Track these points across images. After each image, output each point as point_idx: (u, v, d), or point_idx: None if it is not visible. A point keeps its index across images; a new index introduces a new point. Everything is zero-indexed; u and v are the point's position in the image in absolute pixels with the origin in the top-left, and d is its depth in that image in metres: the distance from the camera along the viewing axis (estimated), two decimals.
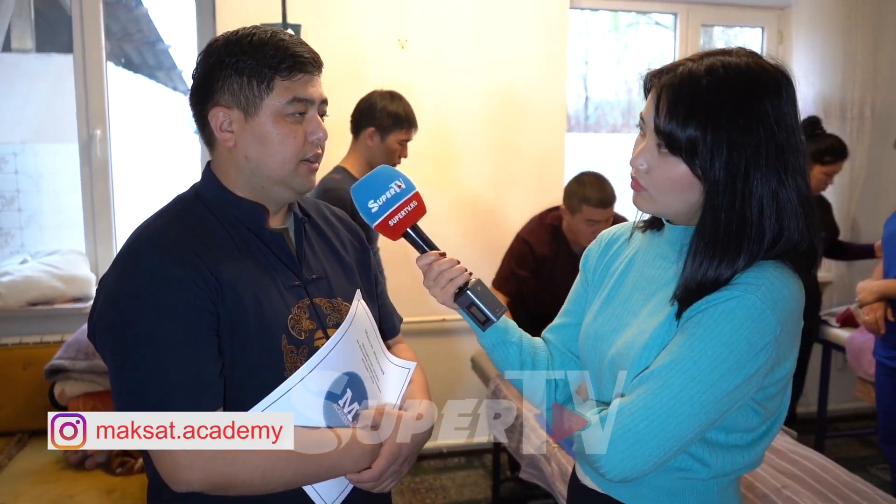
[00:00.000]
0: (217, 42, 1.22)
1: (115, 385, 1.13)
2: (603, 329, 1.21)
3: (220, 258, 1.17)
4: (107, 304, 1.15)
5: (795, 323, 1.08)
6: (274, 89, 1.18)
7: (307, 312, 1.24)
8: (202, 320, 1.12)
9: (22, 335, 3.01)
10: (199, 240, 1.17)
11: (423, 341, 3.55)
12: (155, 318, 1.10)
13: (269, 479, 1.12)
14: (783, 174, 1.06)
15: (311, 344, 1.22)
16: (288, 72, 1.18)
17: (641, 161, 1.11)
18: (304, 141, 1.21)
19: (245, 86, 1.18)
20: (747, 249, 1.05)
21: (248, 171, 1.22)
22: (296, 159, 1.21)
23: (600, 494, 1.21)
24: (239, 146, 1.21)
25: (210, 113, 1.20)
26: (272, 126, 1.19)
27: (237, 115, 1.19)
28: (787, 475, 2.03)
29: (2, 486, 2.47)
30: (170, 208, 1.25)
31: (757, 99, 1.05)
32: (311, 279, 1.27)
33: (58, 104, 3.43)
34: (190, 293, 1.11)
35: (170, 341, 1.10)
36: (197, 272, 1.13)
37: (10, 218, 3.40)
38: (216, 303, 1.14)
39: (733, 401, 1.05)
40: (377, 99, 2.68)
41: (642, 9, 4.01)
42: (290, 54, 1.18)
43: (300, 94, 1.19)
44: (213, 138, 1.23)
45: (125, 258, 1.16)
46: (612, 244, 1.32)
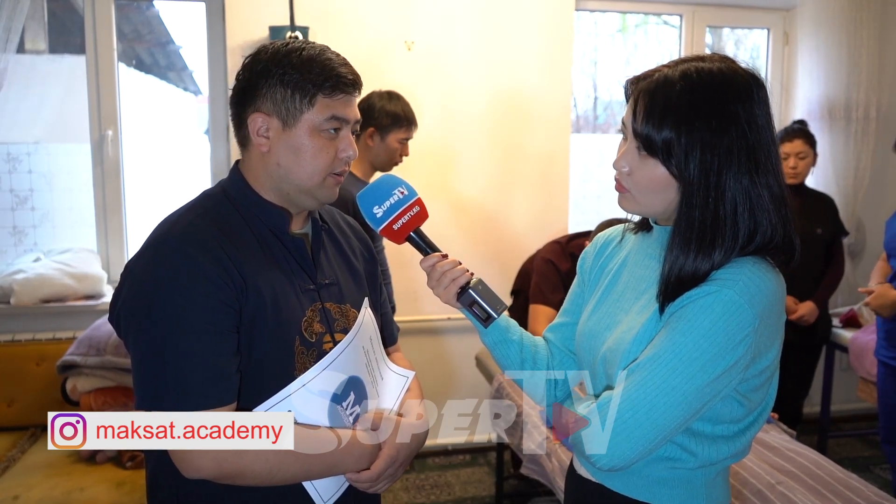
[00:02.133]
0: (266, 50, 1.26)
1: (136, 372, 1.16)
2: (597, 327, 1.26)
3: (245, 256, 1.20)
4: (133, 291, 1.18)
5: (776, 316, 1.12)
6: (315, 105, 1.23)
7: (318, 316, 1.28)
8: (225, 314, 1.16)
9: (35, 331, 3.08)
10: (227, 236, 1.21)
11: (428, 340, 3.60)
12: (180, 308, 1.13)
13: (276, 472, 1.16)
14: (754, 173, 1.10)
15: (321, 347, 1.26)
16: (331, 90, 1.23)
17: (623, 164, 1.17)
18: (334, 157, 1.26)
19: (288, 98, 1.22)
20: (721, 244, 1.10)
21: (277, 177, 1.26)
22: (325, 173, 1.26)
23: (595, 484, 1.26)
24: (273, 153, 1.25)
25: (250, 117, 1.24)
26: (308, 139, 1.23)
27: (276, 124, 1.23)
28: (783, 472, 2.06)
29: (15, 478, 2.53)
30: (198, 203, 1.28)
31: (728, 101, 1.09)
32: (324, 284, 1.31)
33: (70, 105, 3.48)
34: (216, 287, 1.15)
35: (193, 332, 1.13)
36: (223, 268, 1.16)
37: (23, 216, 3.46)
38: (240, 299, 1.17)
39: (715, 391, 1.09)
40: (375, 99, 2.70)
41: (647, 10, 4.03)
42: (335, 74, 1.23)
43: (338, 113, 1.24)
44: (249, 140, 1.27)
45: (154, 247, 1.19)
46: (606, 246, 1.38)
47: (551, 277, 2.94)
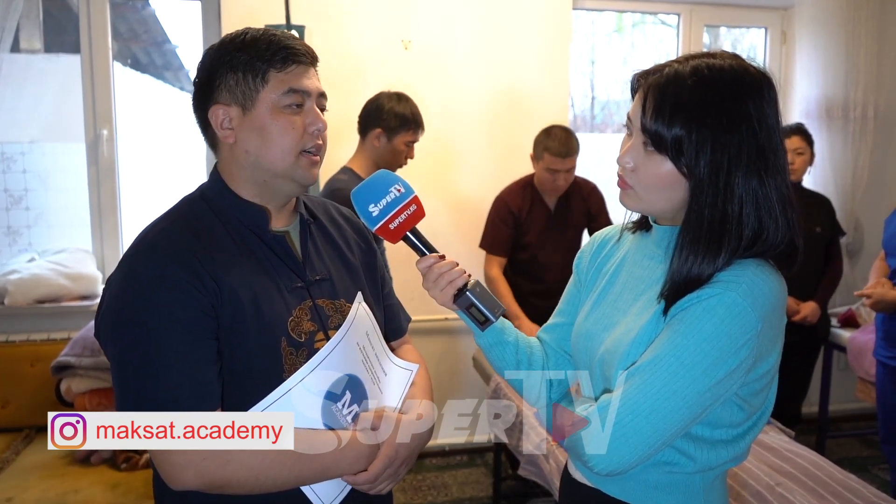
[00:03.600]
0: (212, 46, 1.25)
1: (116, 384, 1.16)
2: (594, 328, 1.24)
3: (220, 260, 1.18)
4: (110, 305, 1.17)
5: (777, 319, 1.11)
6: (269, 81, 1.20)
7: (309, 314, 1.25)
8: (201, 322, 1.14)
9: (29, 332, 3.06)
10: (201, 241, 1.19)
11: (426, 340, 3.58)
12: (154, 320, 1.12)
13: (264, 480, 1.14)
14: (763, 173, 1.08)
15: (312, 346, 1.23)
16: (282, 63, 1.20)
17: (628, 159, 1.14)
18: (302, 132, 1.22)
19: (241, 81, 1.20)
20: (727, 246, 1.08)
21: (249, 167, 1.24)
22: (295, 150, 1.22)
23: (591, 489, 1.24)
24: (239, 141, 1.23)
25: (210, 112, 1.23)
26: (270, 119, 1.20)
27: (235, 112, 1.21)
28: (782, 473, 2.05)
29: (10, 480, 2.51)
30: (175, 209, 1.27)
31: (740, 99, 1.07)
32: (315, 280, 1.28)
33: (65, 104, 3.46)
34: (189, 295, 1.14)
35: (169, 342, 1.12)
36: (196, 274, 1.15)
37: (18, 216, 3.44)
38: (215, 305, 1.16)
39: (716, 395, 1.07)
40: (384, 100, 2.70)
41: (645, 10, 4.02)
42: (282, 46, 1.20)
43: (295, 85, 1.21)
44: (216, 138, 1.25)
45: (128, 260, 1.19)
46: (603, 245, 1.35)
47: (494, 218, 3.16)
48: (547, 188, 3.09)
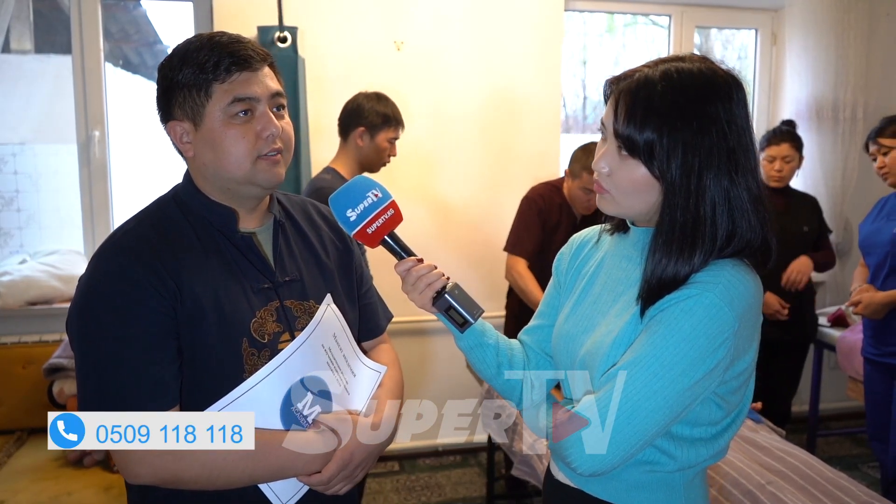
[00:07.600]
0: (164, 60, 1.24)
1: (77, 379, 1.18)
2: (574, 330, 1.25)
3: (182, 260, 1.19)
4: (75, 302, 1.19)
5: (754, 318, 1.13)
6: (213, 94, 1.19)
7: (275, 315, 1.25)
8: (159, 322, 1.15)
9: (21, 334, 3.05)
10: (165, 241, 1.20)
11: (423, 341, 3.59)
12: (113, 318, 1.14)
13: (216, 477, 1.16)
14: (734, 173, 1.10)
15: (275, 347, 1.24)
16: (226, 73, 1.18)
17: (603, 164, 1.15)
18: (255, 139, 1.21)
19: (188, 97, 1.20)
20: (702, 247, 1.09)
21: (211, 177, 1.25)
22: (250, 158, 1.21)
23: (573, 489, 1.25)
24: (197, 155, 1.24)
25: (168, 128, 1.25)
26: (221, 130, 1.20)
27: (188, 127, 1.22)
28: (773, 472, 2.06)
29: (2, 483, 2.50)
30: (145, 210, 1.29)
31: (709, 102, 1.09)
32: (284, 281, 1.29)
33: (57, 105, 3.45)
34: (147, 294, 1.15)
35: (126, 340, 1.14)
36: (156, 274, 1.16)
37: (9, 218, 3.43)
38: (174, 304, 1.17)
39: (696, 395, 1.09)
40: (363, 100, 2.74)
41: (636, 11, 4.04)
42: (225, 55, 1.18)
43: (240, 94, 1.19)
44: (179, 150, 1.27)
45: (95, 259, 1.20)
46: (582, 248, 1.37)
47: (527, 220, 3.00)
48: (580, 206, 2.99)
